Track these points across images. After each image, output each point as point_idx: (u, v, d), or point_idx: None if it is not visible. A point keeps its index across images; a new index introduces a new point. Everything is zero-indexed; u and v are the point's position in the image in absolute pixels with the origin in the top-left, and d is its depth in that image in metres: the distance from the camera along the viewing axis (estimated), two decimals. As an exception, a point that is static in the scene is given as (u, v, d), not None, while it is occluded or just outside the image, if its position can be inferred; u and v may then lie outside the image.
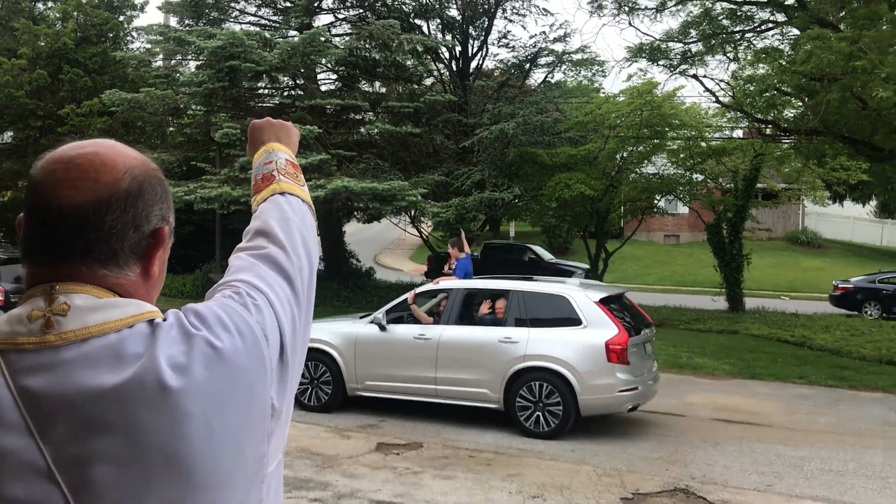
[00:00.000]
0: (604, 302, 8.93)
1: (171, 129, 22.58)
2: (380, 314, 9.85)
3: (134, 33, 25.90)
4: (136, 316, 1.04)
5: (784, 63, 13.99)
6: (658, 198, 22.14)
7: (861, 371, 13.12)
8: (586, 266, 22.77)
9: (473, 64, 21.82)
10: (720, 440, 8.94)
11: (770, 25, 15.47)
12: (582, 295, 8.97)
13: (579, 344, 8.69)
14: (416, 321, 9.70)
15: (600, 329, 8.66)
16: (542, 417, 8.76)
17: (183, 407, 0.98)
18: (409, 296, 9.94)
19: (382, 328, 9.65)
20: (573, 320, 8.84)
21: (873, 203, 45.00)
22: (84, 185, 1.05)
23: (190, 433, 0.98)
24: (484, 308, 9.68)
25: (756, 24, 15.43)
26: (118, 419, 0.97)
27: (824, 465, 8.07)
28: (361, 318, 10.27)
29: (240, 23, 21.26)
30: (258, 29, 20.74)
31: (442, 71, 21.96)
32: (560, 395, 8.68)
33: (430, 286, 10.52)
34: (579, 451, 8.40)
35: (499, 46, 23.12)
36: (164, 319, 1.06)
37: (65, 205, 1.05)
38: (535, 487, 7.13)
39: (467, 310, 9.70)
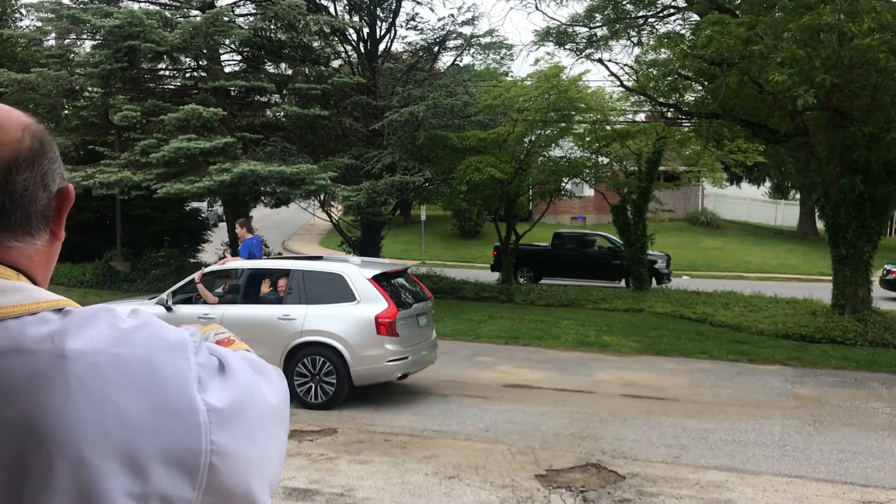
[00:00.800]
0: (377, 279, 9.48)
1: (66, 111, 21.54)
2: (165, 295, 10.26)
3: (23, 10, 24.56)
4: (41, 303, 0.96)
5: (685, 48, 14.37)
6: (565, 180, 22.49)
7: (759, 345, 13.70)
8: (663, 254, 22.54)
9: (382, 46, 21.61)
10: (629, 415, 9.17)
11: (672, 11, 15.85)
12: (356, 272, 9.49)
13: (352, 319, 9.27)
14: (205, 301, 10.10)
15: (372, 304, 9.24)
16: (318, 389, 9.25)
17: (78, 394, 0.89)
18: (196, 276, 10.25)
19: (168, 309, 9.97)
20: (348, 297, 9.36)
21: (768, 185, 47.01)
22: None
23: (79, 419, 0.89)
24: (265, 287, 9.99)
25: (658, 10, 15.78)
26: (8, 411, 0.88)
27: (727, 435, 8.38)
28: (150, 299, 10.74)
29: (138, 1, 20.42)
30: (158, 8, 19.97)
31: (350, 53, 21.66)
32: (334, 368, 9.21)
33: (216, 266, 10.85)
34: (493, 430, 8.48)
35: (407, 29, 22.91)
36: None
37: None
38: (451, 468, 7.16)
39: (251, 289, 10.09)
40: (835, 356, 12.78)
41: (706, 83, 15.10)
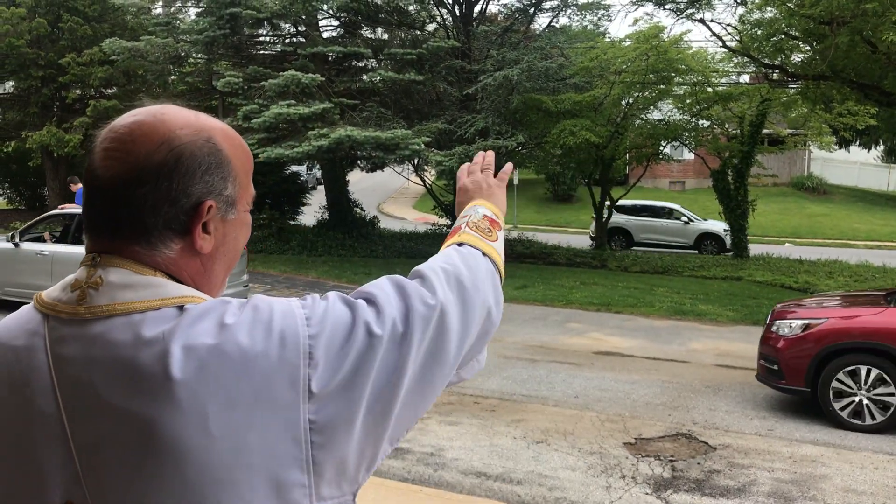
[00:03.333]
0: None
1: (172, 77, 22.38)
2: (15, 234, 11.97)
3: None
4: (165, 299, 1.00)
5: (792, 6, 13.74)
6: (663, 144, 21.98)
7: (864, 317, 13.17)
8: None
9: (477, 9, 21.46)
10: (722, 386, 9.04)
11: (779, -33, 15.15)
12: None
13: None
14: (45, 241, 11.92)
15: None
16: None
17: (183, 398, 0.93)
18: (40, 218, 12.12)
19: (16, 245, 11.72)
20: None
21: (880, 148, 44.65)
22: (119, 156, 1.02)
23: (187, 427, 0.93)
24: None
25: (765, -34, 15.11)
26: (126, 403, 0.95)
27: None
28: (6, 238, 12.29)
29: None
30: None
31: (445, 16, 21.62)
32: None
33: (56, 211, 12.29)
34: (583, 397, 8.52)
35: (503, -10, 22.66)
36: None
37: (102, 176, 1.02)
38: (540, 433, 7.25)
39: (80, 231, 11.08)
40: (946, 330, 12.19)
41: (814, 43, 14.42)
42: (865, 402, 7.63)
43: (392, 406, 1.04)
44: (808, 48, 15.38)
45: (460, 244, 1.28)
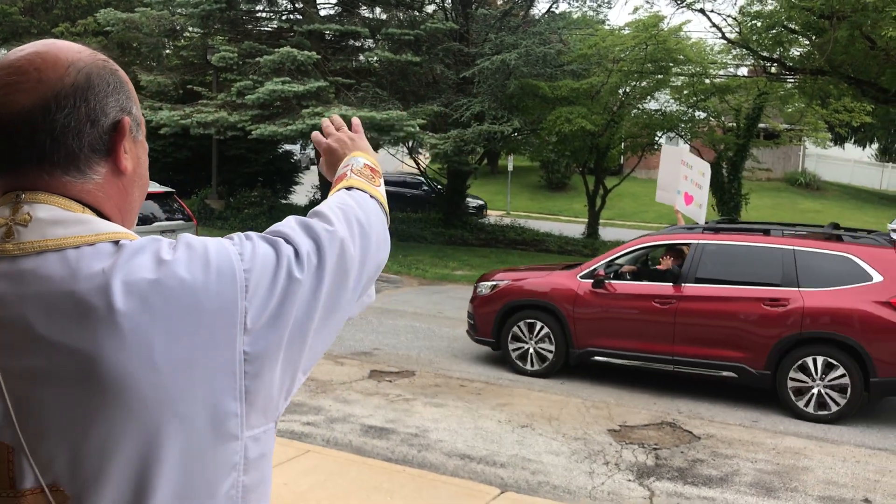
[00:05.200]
0: None
1: (167, 51, 22.20)
2: None
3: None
4: (100, 234, 1.00)
5: (793, -1, 13.70)
6: (659, 135, 21.93)
7: (852, 313, 13.21)
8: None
9: (476, -9, 21.35)
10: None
11: (781, -41, 15.08)
12: None
13: None
14: None
15: None
16: None
17: (128, 330, 0.93)
18: None
19: None
20: None
21: (875, 146, 44.71)
22: (27, 86, 1.00)
23: (132, 359, 0.93)
24: None
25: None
26: (65, 338, 0.93)
27: (810, 403, 8.18)
28: None
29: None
30: (257, -51, 20.20)
31: (444, -2, 21.51)
32: None
33: None
34: (569, 384, 8.51)
35: (503, -26, 22.50)
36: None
37: (11, 111, 1.00)
38: (525, 417, 7.24)
39: None
40: (933, 329, 12.22)
41: (813, 37, 14.39)
42: (532, 350, 8.81)
43: (307, 335, 1.10)
44: (807, 42, 15.35)
45: (349, 188, 1.35)
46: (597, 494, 5.62)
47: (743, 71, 21.68)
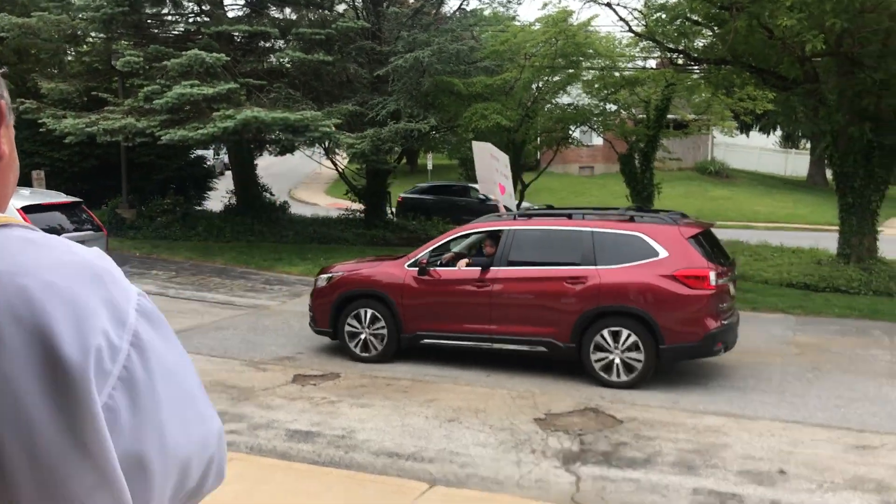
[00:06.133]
0: None
1: (69, 57, 21.38)
2: None
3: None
4: None
5: (695, -9, 14.08)
6: (573, 128, 22.27)
7: (763, 293, 13.70)
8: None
9: (387, -10, 21.26)
10: (630, 361, 9.22)
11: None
12: None
13: None
14: None
15: None
16: None
17: None
18: None
19: None
20: None
21: (778, 133, 46.51)
22: None
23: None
24: None
25: (668, -48, 15.43)
26: None
27: (726, 381, 8.45)
28: None
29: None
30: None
31: (354, -3, 21.35)
32: None
33: None
34: (494, 376, 8.56)
35: (413, -28, 22.48)
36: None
37: None
38: (452, 411, 7.25)
39: None
40: (838, 305, 12.79)
41: (715, 28, 14.84)
42: (366, 337, 9.17)
43: None
44: (710, 33, 15.82)
45: None
46: (524, 483, 5.66)
47: (651, 63, 22.18)
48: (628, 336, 8.11)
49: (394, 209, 23.90)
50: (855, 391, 8.15)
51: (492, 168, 11.53)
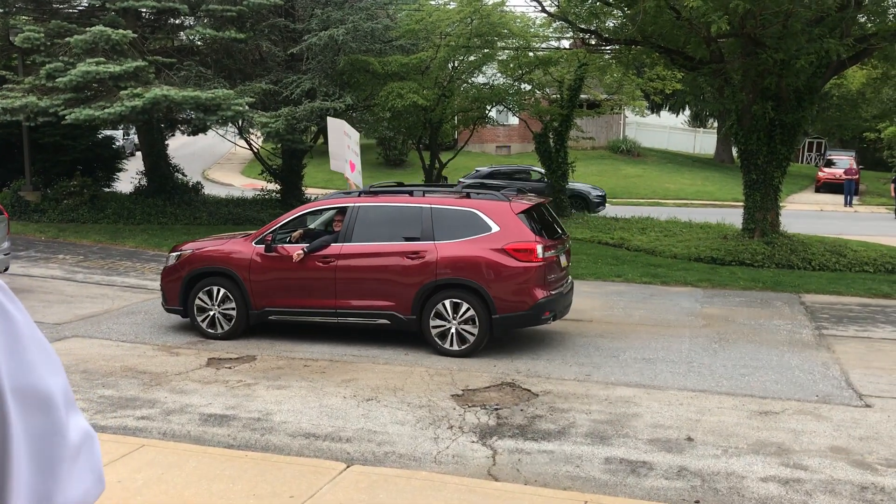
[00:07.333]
0: None
1: (-38, 32, 20.26)
2: None
3: None
4: None
5: (605, -28, 14.31)
6: (489, 108, 22.42)
7: (672, 268, 14.14)
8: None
9: (300, -34, 20.87)
10: (544, 337, 9.41)
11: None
12: None
13: None
14: None
15: None
16: None
17: None
18: None
19: None
20: None
21: (687, 113, 47.82)
22: None
23: None
24: None
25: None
26: None
27: (637, 354, 8.70)
28: None
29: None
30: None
31: (267, -27, 20.87)
32: None
33: None
34: (413, 354, 8.60)
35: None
36: None
37: None
38: (370, 391, 7.26)
39: None
40: (743, 277, 13.31)
41: (625, 9, 15.12)
42: (216, 315, 9.20)
43: None
44: (620, 14, 16.10)
45: None
46: (442, 459, 5.73)
47: (564, 44, 22.49)
48: (467, 309, 8.43)
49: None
50: (758, 360, 8.52)
51: (344, 145, 11.82)
